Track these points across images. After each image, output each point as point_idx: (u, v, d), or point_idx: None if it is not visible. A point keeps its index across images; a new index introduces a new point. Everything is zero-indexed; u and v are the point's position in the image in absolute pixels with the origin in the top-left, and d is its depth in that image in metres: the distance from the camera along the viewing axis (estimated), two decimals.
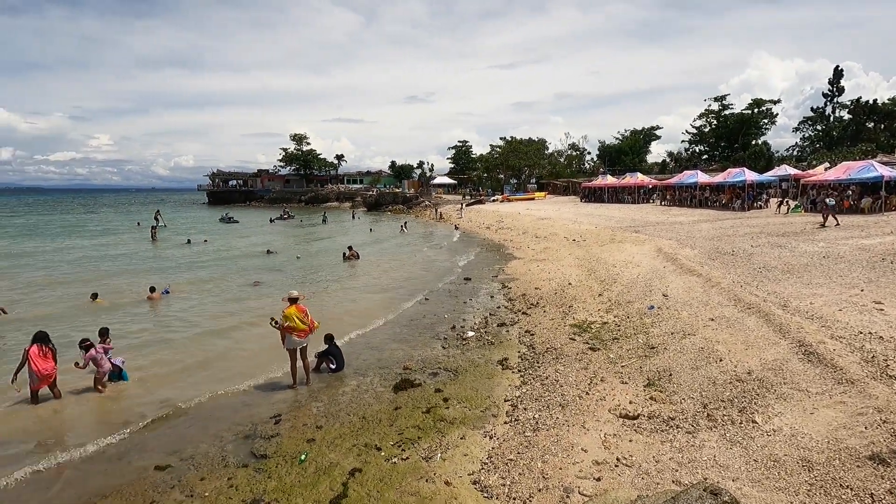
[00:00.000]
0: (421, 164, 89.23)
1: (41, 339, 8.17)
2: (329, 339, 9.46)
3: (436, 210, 53.13)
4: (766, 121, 65.13)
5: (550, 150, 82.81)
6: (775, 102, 65.17)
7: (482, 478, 5.46)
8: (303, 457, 6.12)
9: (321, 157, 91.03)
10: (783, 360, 7.22)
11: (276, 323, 8.53)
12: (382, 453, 6.15)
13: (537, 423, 6.56)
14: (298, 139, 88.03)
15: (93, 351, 8.43)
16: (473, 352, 10.01)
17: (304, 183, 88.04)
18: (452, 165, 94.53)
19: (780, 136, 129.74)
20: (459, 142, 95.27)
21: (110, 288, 17.05)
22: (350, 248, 24.47)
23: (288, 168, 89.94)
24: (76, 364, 8.41)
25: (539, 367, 8.70)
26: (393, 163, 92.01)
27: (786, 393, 6.35)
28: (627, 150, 72.94)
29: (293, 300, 8.58)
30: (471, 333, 11.21)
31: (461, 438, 6.42)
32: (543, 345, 9.85)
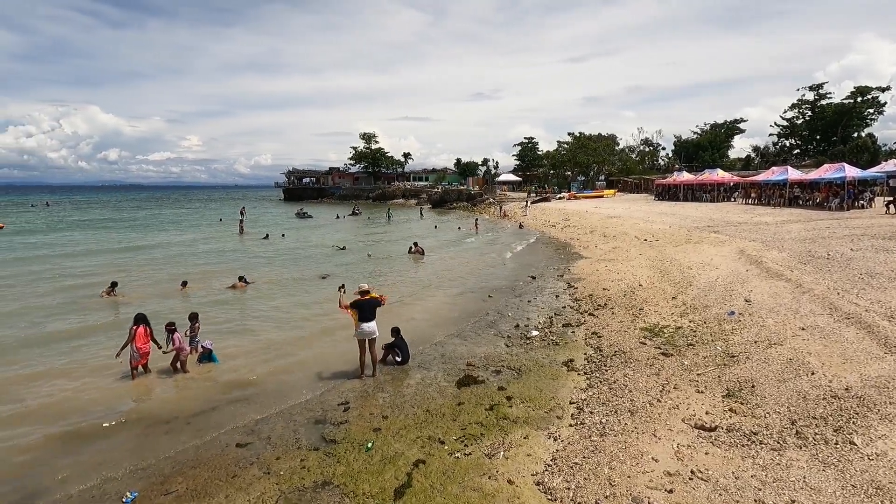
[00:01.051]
0: (486, 162, 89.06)
1: (144, 320, 9.08)
2: (395, 332, 9.72)
3: (500, 207, 52.80)
4: (871, 111, 58.49)
5: (621, 146, 79.64)
6: (884, 90, 58.25)
7: (546, 479, 5.38)
8: (369, 445, 6.34)
9: (389, 155, 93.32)
10: (889, 377, 6.50)
11: (343, 289, 9.12)
12: (446, 447, 6.23)
13: (604, 427, 6.35)
14: (367, 138, 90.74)
15: (177, 335, 9.22)
16: (537, 351, 9.87)
17: (373, 180, 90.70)
18: (518, 162, 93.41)
19: (889, 128, 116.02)
20: (525, 138, 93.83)
21: (198, 276, 18.52)
22: (415, 244, 24.95)
23: (357, 166, 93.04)
24: (162, 350, 9.25)
25: (606, 370, 8.42)
26: (458, 160, 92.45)
27: (892, 413, 5.71)
28: (706, 145, 68.40)
29: (364, 293, 8.90)
30: (535, 333, 11.05)
31: (524, 438, 6.36)
32: (611, 348, 9.52)
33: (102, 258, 24.23)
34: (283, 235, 33.14)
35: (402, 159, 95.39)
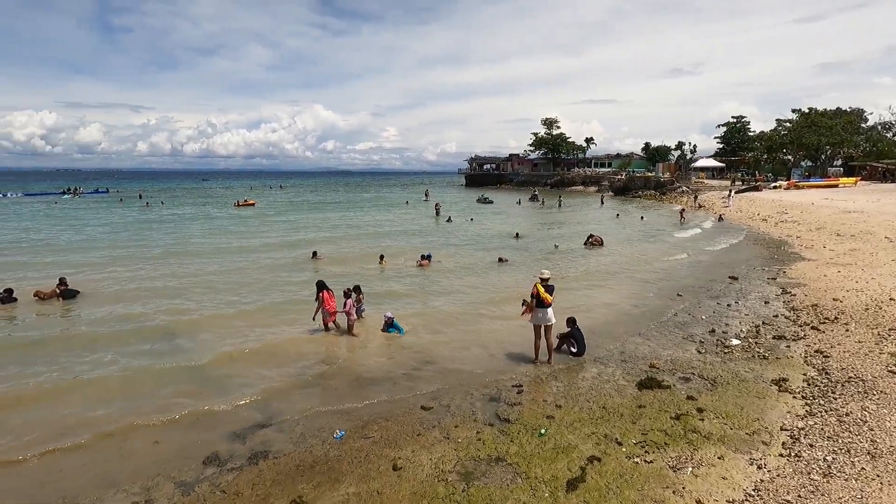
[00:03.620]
0: (680, 146, 79.51)
1: (325, 285, 10.67)
2: (571, 322, 9.49)
3: (694, 197, 46.95)
4: None
5: (871, 123, 63.15)
6: None
7: None
8: (543, 431, 6.35)
9: (570, 140, 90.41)
10: None
11: (526, 303, 8.98)
12: (623, 449, 5.88)
13: (830, 467, 5.23)
14: (549, 123, 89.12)
15: (350, 300, 10.46)
16: (738, 363, 8.59)
17: (552, 167, 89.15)
18: (721, 146, 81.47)
19: None
20: (733, 118, 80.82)
21: (392, 252, 20.74)
22: (592, 235, 23.87)
23: (537, 152, 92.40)
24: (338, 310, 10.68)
25: (836, 398, 6.89)
26: (647, 144, 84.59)
27: None
28: None
29: (544, 279, 8.87)
30: (735, 342, 9.64)
31: (718, 458, 5.63)
32: (844, 372, 7.74)
33: (320, 233, 29.02)
34: (471, 220, 34.74)
35: (584, 145, 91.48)
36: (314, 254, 19.51)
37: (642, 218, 34.86)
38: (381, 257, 19.05)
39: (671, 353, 9.23)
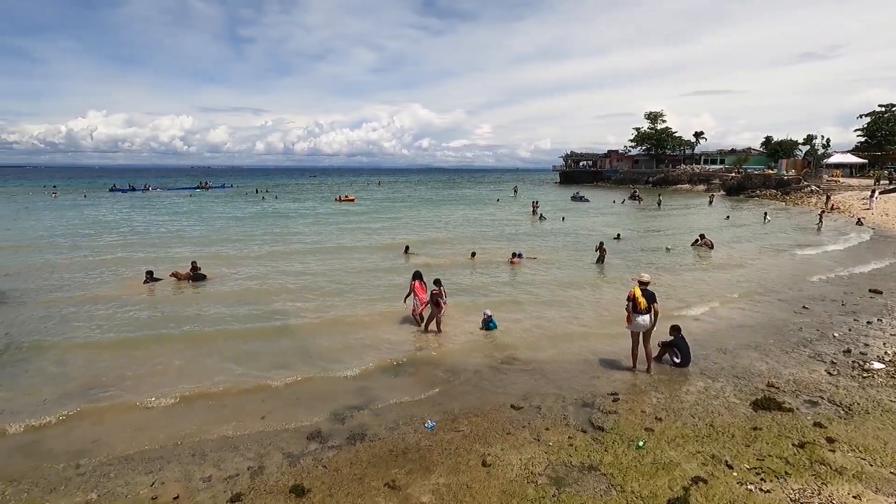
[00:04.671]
0: (810, 139, 70.39)
1: (419, 276, 11.06)
2: (675, 330, 8.84)
3: (826, 198, 41.31)
4: None
5: None
6: None
7: None
8: (641, 443, 6.00)
9: (676, 135, 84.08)
10: None
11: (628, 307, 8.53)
12: (735, 473, 5.36)
13: None
14: (653, 117, 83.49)
15: (442, 300, 10.51)
16: (880, 390, 7.43)
17: (654, 163, 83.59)
18: (862, 139, 70.86)
19: None
20: (880, 106, 69.51)
21: (483, 249, 20.80)
22: (702, 235, 22.02)
23: (638, 148, 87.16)
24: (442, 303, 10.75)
25: None
26: (767, 139, 76.02)
27: None
28: None
29: (643, 283, 8.36)
30: (878, 365, 8.35)
31: (853, 497, 4.92)
32: None
33: (415, 230, 29.95)
34: (563, 219, 33.73)
35: (692, 140, 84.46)
36: (406, 249, 20.31)
37: (765, 216, 31.31)
38: (473, 254, 19.19)
39: (794, 373, 8.23)
